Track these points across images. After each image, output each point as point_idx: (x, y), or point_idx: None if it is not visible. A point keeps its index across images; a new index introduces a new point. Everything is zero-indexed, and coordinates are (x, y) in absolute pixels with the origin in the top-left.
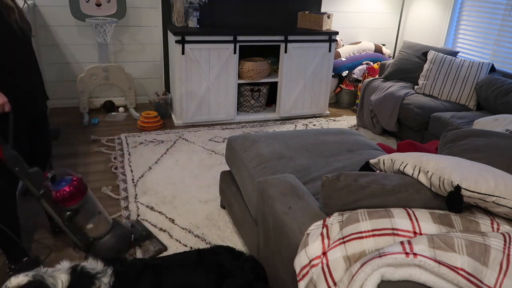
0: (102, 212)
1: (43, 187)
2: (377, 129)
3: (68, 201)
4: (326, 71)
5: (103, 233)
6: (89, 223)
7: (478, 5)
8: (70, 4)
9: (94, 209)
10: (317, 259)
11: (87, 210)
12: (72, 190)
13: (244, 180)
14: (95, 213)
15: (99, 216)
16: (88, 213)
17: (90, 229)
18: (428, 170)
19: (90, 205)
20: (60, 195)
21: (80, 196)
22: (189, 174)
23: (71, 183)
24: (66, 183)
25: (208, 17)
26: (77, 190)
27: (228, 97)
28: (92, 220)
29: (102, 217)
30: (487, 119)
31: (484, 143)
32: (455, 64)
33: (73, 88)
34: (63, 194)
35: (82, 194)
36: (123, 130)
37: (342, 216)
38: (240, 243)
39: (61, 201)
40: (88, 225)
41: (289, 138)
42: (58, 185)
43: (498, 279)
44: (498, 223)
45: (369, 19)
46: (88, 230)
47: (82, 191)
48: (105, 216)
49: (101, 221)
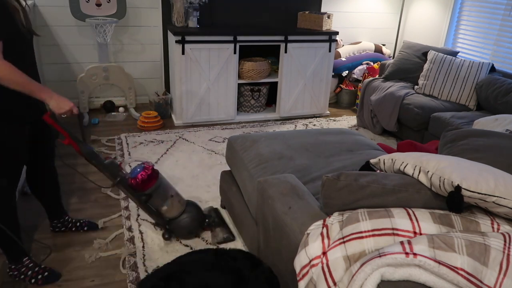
0: (175, 196)
1: (119, 175)
2: (377, 129)
3: (142, 186)
4: (326, 71)
5: (178, 214)
6: (163, 205)
7: (478, 5)
8: (70, 4)
9: (167, 193)
10: (317, 259)
11: (160, 194)
12: (145, 177)
13: (244, 180)
14: (167, 196)
15: (171, 199)
16: (161, 197)
17: (165, 210)
18: (429, 170)
19: (162, 190)
20: (135, 181)
21: (153, 182)
22: (189, 174)
23: (144, 170)
24: (140, 169)
25: (208, 17)
26: (149, 176)
27: (228, 97)
28: (165, 203)
29: (175, 200)
30: (487, 119)
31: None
32: (455, 64)
33: (73, 88)
34: (137, 181)
35: (154, 179)
36: (123, 130)
37: (342, 216)
38: (240, 243)
39: (136, 186)
40: (163, 207)
41: (289, 138)
42: (133, 173)
43: (498, 279)
44: (498, 223)
45: (369, 19)
46: (163, 211)
47: (154, 177)
48: (178, 198)
49: (174, 203)
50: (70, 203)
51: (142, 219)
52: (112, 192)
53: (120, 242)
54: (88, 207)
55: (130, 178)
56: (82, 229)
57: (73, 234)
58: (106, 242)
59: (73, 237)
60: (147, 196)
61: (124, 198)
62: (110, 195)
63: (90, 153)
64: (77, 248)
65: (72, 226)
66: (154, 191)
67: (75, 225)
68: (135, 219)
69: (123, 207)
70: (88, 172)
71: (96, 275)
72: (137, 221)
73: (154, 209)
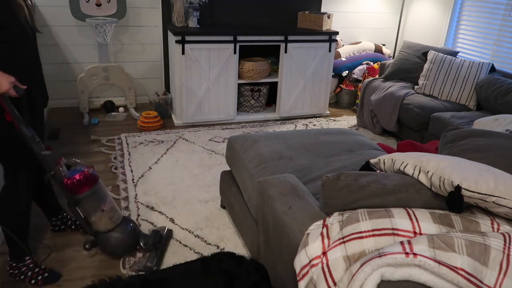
0: (107, 211)
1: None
2: (377, 129)
3: (73, 189)
4: (326, 71)
5: (105, 229)
6: (91, 216)
7: (478, 5)
8: (70, 4)
9: (98, 205)
10: (317, 259)
11: (90, 204)
12: (76, 181)
13: (244, 180)
14: (97, 209)
15: (101, 213)
16: (91, 207)
17: (93, 221)
18: (429, 170)
19: (93, 200)
20: (66, 182)
21: (85, 189)
22: (189, 174)
23: (80, 173)
24: (78, 172)
25: (208, 17)
26: (80, 182)
27: (228, 97)
28: (94, 214)
29: (105, 216)
30: (487, 119)
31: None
32: (455, 64)
33: (73, 88)
34: (68, 182)
35: (86, 187)
36: (123, 130)
37: (342, 216)
38: (240, 243)
39: (67, 187)
40: (91, 217)
41: (289, 138)
42: (70, 173)
43: (498, 279)
44: (498, 223)
45: (369, 19)
46: (91, 221)
47: (87, 184)
48: (110, 215)
49: (103, 218)
50: None
51: (143, 219)
52: (112, 192)
53: None
54: None
55: (65, 177)
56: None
57: (73, 234)
58: None
59: (73, 237)
60: (75, 201)
61: (124, 198)
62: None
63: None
64: (77, 248)
65: (71, 224)
66: (84, 199)
67: (74, 223)
68: (135, 219)
69: (123, 207)
70: None
71: (96, 275)
72: (137, 221)
73: (82, 215)
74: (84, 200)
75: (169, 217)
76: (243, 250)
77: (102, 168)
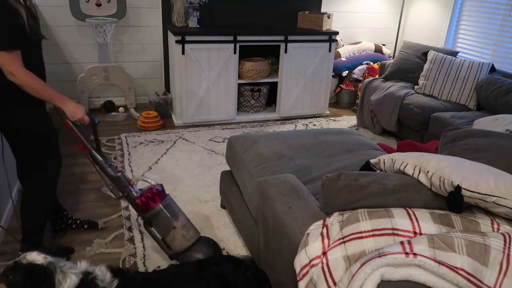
0: (179, 228)
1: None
2: (377, 129)
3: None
4: (326, 71)
5: (181, 249)
6: (166, 235)
7: (478, 5)
8: (70, 4)
9: (169, 222)
10: (317, 259)
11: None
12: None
13: (244, 180)
14: (169, 227)
15: (174, 231)
16: (162, 225)
17: (169, 241)
18: (429, 170)
19: (163, 218)
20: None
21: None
22: (189, 174)
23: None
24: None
25: (208, 17)
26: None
27: (228, 97)
28: (168, 233)
29: (178, 233)
30: (487, 119)
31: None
32: (455, 64)
33: (73, 88)
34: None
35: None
36: (123, 130)
37: (342, 216)
38: (240, 243)
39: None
40: (167, 237)
41: (289, 138)
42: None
43: (498, 279)
44: (498, 223)
45: (369, 19)
46: (167, 241)
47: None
48: (184, 232)
49: (177, 236)
50: (70, 203)
51: None
52: (112, 192)
53: (120, 242)
54: (88, 207)
55: (136, 197)
56: (82, 227)
57: (73, 234)
58: (106, 242)
59: (73, 237)
60: (146, 220)
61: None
62: (110, 195)
63: (101, 163)
64: (77, 248)
65: (72, 223)
66: (153, 216)
67: (75, 222)
68: (135, 219)
69: (123, 207)
70: (88, 172)
71: None
72: (137, 221)
73: (159, 236)
74: (155, 218)
75: None
76: (243, 250)
77: None
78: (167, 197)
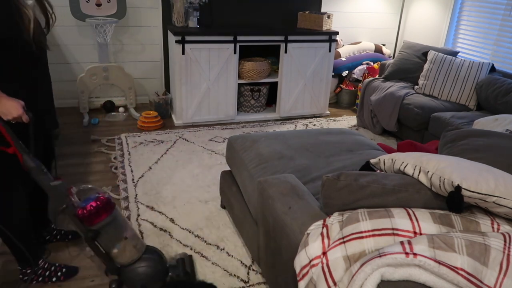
0: (130, 238)
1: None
2: (377, 129)
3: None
4: (326, 71)
5: (131, 260)
6: (113, 247)
7: (478, 5)
8: (70, 4)
9: (120, 233)
10: (317, 259)
11: (111, 233)
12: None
13: (244, 180)
14: (120, 237)
15: (124, 241)
16: (112, 236)
17: (115, 254)
18: (429, 170)
19: (114, 228)
20: (82, 212)
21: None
22: (189, 174)
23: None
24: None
25: (208, 17)
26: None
27: (228, 97)
28: (117, 245)
29: (129, 244)
30: (487, 119)
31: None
32: (455, 64)
33: (73, 88)
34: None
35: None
36: (123, 130)
37: (342, 216)
38: (240, 243)
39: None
40: (113, 250)
41: (289, 138)
42: (84, 202)
43: (498, 279)
44: (498, 223)
45: (369, 19)
46: (113, 254)
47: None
48: (134, 243)
49: (127, 247)
50: None
51: (143, 219)
52: (112, 193)
53: None
54: None
55: (78, 208)
56: (66, 238)
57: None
58: None
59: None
60: (94, 233)
61: (124, 198)
62: (110, 195)
63: (33, 169)
64: (77, 248)
65: (57, 234)
66: (103, 228)
67: (59, 233)
68: (135, 219)
69: (123, 207)
70: (88, 172)
71: (96, 275)
72: (137, 221)
73: (102, 250)
74: (104, 230)
75: (169, 217)
76: (243, 250)
77: (102, 168)
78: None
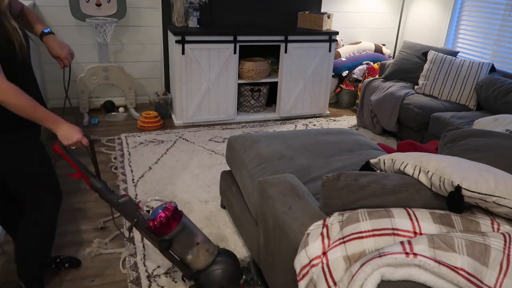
0: (201, 243)
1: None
2: (377, 129)
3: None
4: (326, 71)
5: (206, 264)
6: (188, 254)
7: (478, 5)
8: (70, 4)
9: (192, 239)
10: (317, 259)
11: (183, 240)
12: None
13: (244, 180)
14: (192, 244)
15: (197, 247)
16: (185, 244)
17: (190, 260)
18: (429, 170)
19: (185, 235)
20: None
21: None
22: (189, 174)
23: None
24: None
25: (208, 17)
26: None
27: (228, 97)
28: (190, 251)
29: (202, 248)
30: (487, 119)
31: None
32: (455, 64)
33: (73, 88)
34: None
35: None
36: (123, 130)
37: (342, 216)
38: (240, 243)
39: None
40: (188, 256)
41: (289, 138)
42: (153, 214)
43: (498, 279)
44: (499, 223)
45: (369, 19)
46: (188, 261)
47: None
48: (206, 247)
49: (201, 252)
50: (70, 203)
51: None
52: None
53: (120, 242)
54: (88, 207)
55: (149, 220)
56: (63, 267)
57: (72, 234)
58: (106, 242)
59: (73, 237)
60: (167, 242)
61: None
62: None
63: (102, 190)
64: (77, 249)
65: (51, 262)
66: (175, 236)
67: (54, 261)
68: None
69: None
70: None
71: (96, 275)
72: None
73: (177, 258)
74: (176, 238)
75: None
76: (243, 250)
77: (102, 168)
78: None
